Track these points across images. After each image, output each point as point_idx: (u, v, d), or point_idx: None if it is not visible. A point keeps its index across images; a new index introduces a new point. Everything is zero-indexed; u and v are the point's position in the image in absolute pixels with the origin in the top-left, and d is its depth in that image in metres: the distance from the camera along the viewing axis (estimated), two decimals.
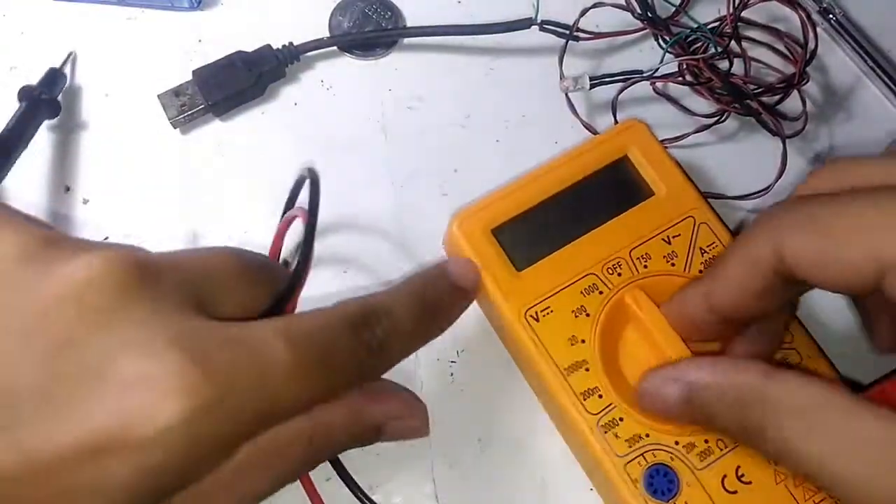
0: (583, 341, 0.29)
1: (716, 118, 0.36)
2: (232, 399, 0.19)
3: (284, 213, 0.28)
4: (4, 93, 0.35)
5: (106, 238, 0.34)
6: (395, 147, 0.36)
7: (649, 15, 0.36)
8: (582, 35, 0.36)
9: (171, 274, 0.20)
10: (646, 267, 0.30)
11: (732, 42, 0.35)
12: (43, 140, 0.36)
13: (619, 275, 0.30)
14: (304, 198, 0.26)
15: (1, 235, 0.19)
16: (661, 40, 0.37)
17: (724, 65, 0.35)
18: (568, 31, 0.35)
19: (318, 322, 0.23)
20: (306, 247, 0.25)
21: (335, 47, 0.37)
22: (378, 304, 0.25)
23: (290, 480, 0.25)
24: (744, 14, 0.36)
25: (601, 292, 0.30)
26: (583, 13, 0.35)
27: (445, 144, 0.36)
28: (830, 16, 0.39)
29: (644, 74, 0.35)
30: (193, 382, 0.18)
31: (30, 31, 0.37)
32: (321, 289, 0.31)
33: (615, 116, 0.35)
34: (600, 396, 0.29)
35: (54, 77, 0.36)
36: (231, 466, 0.21)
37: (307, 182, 0.26)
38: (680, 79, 0.36)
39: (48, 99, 0.35)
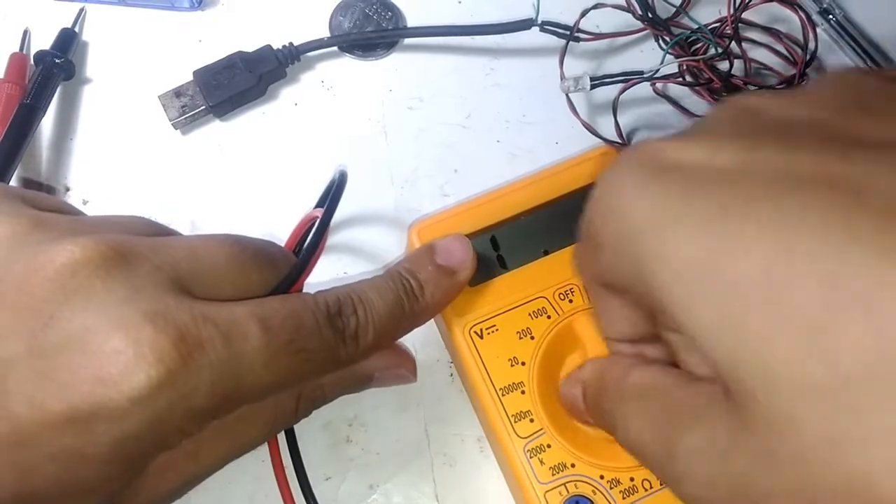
0: (523, 363, 0.29)
1: None
2: (200, 373, 0.20)
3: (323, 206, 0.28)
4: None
5: None
6: (395, 147, 0.36)
7: (650, 16, 0.36)
8: (582, 36, 0.36)
9: (151, 257, 0.21)
10: None
11: (733, 43, 0.35)
12: (44, 139, 0.36)
13: (571, 301, 0.30)
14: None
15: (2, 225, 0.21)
16: (661, 41, 0.37)
17: (724, 66, 0.36)
18: (568, 32, 0.35)
19: (293, 307, 0.23)
20: (316, 235, 0.25)
21: (335, 48, 0.37)
22: (354, 293, 0.25)
23: (285, 427, 0.27)
24: (744, 15, 0.36)
25: (549, 317, 0.30)
26: (583, 14, 0.35)
27: (445, 144, 0.36)
28: (830, 17, 0.39)
29: (644, 75, 0.35)
30: (162, 354, 0.19)
31: (30, 32, 0.37)
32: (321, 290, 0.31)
33: (615, 117, 0.35)
34: (531, 421, 0.29)
35: (66, 38, 0.36)
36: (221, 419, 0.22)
37: (335, 181, 0.26)
38: (680, 79, 0.36)
39: (62, 62, 0.35)
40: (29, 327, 0.19)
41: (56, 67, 0.35)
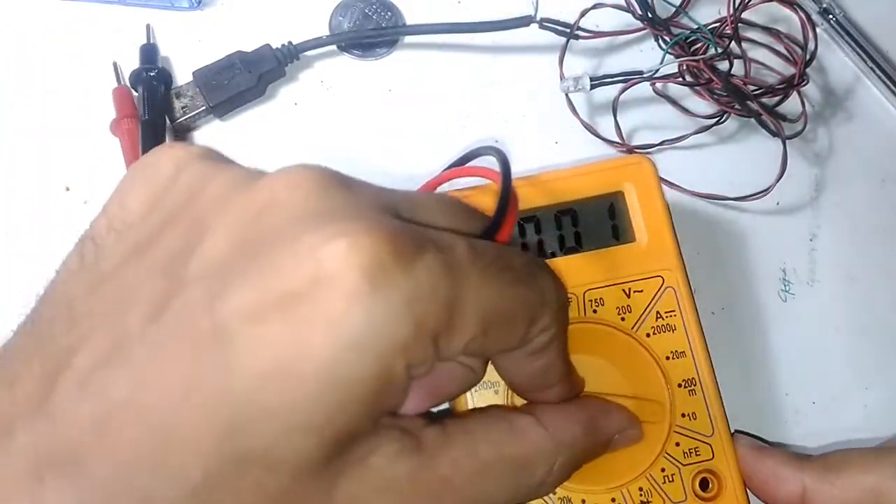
0: None
1: (716, 119, 0.36)
2: (416, 275, 0.19)
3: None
4: (11, 92, 0.35)
5: None
6: (395, 147, 0.36)
7: (649, 15, 0.36)
8: (582, 33, 0.36)
9: (370, 188, 0.22)
10: (595, 312, 0.29)
11: (732, 43, 0.35)
12: (43, 140, 0.36)
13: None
14: None
15: (216, 172, 0.22)
16: (661, 41, 0.37)
17: (724, 66, 0.35)
18: (568, 29, 0.35)
19: (501, 249, 0.22)
20: (506, 179, 0.24)
21: (335, 47, 0.37)
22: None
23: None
24: (744, 15, 0.36)
25: None
26: (583, 14, 0.35)
27: (445, 144, 0.36)
28: (830, 16, 0.39)
29: (644, 75, 0.35)
30: (377, 250, 0.18)
31: (31, 32, 0.37)
32: None
33: (615, 117, 0.35)
34: None
35: (149, 52, 0.37)
36: (466, 467, 0.21)
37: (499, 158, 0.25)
38: (680, 79, 0.36)
39: (157, 73, 0.36)
40: (242, 232, 0.20)
41: (154, 80, 0.35)
